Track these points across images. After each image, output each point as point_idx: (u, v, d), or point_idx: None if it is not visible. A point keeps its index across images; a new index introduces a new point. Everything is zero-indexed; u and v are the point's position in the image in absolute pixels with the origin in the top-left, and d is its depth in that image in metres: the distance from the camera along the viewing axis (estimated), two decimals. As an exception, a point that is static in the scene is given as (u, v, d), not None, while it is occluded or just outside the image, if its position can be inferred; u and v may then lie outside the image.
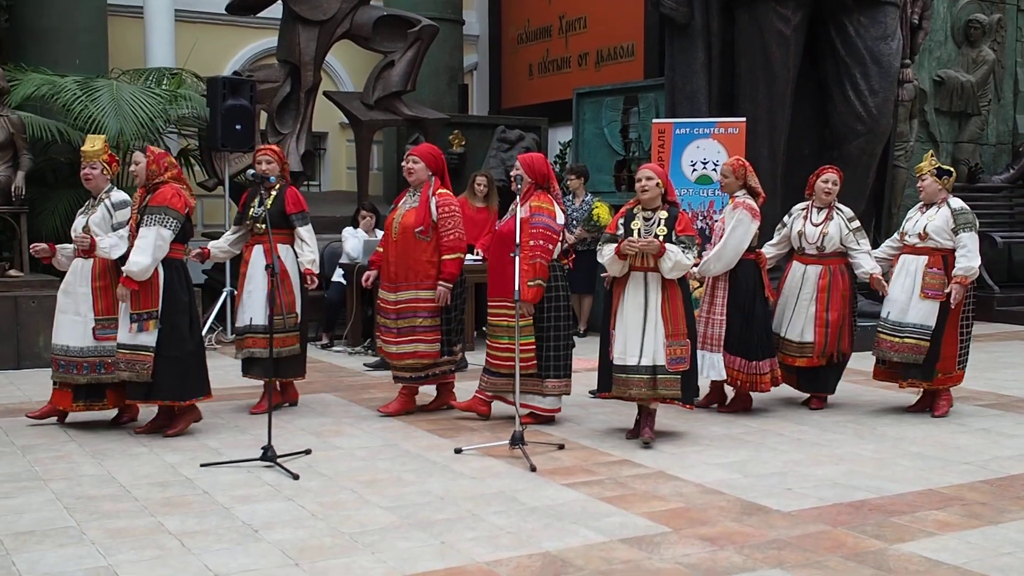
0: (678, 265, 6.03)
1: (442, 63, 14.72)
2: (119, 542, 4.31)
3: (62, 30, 11.70)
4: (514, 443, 5.76)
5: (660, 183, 6.16)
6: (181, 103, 11.15)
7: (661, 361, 6.06)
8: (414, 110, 11.81)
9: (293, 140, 11.02)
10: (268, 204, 6.78)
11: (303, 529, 4.51)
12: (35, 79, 10.51)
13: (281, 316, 6.68)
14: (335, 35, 11.25)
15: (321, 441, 6.17)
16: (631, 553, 4.26)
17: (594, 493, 5.12)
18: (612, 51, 14.61)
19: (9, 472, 5.42)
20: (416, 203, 6.77)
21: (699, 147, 10.11)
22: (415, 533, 4.47)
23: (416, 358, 6.76)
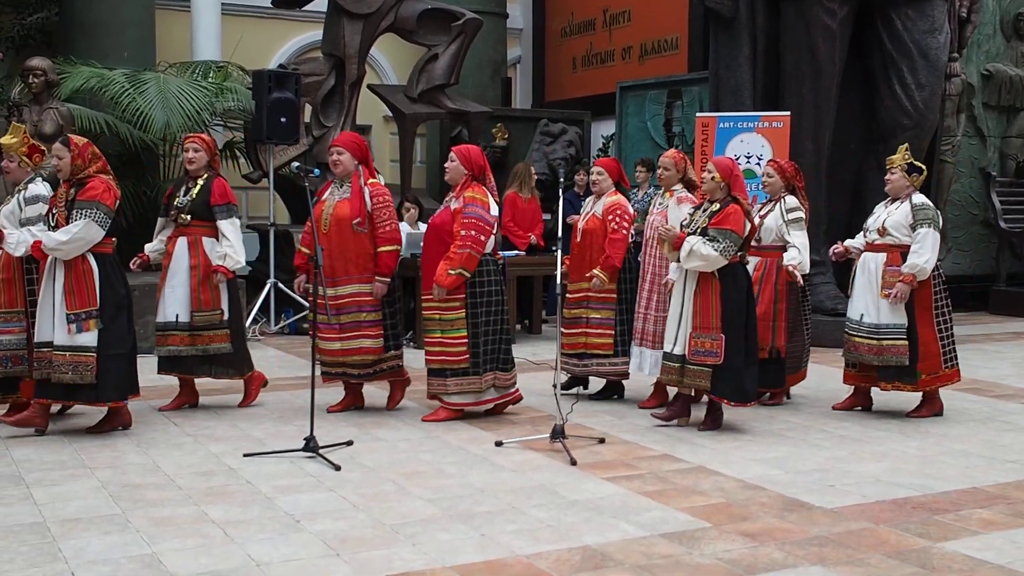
0: (693, 254, 6.09)
1: (486, 56, 14.73)
2: (163, 530, 4.37)
3: (111, 24, 11.85)
4: (555, 437, 5.76)
5: (718, 177, 6.22)
6: (227, 96, 11.25)
7: (687, 351, 6.20)
8: (457, 103, 11.84)
9: (337, 133, 11.06)
10: (193, 194, 6.59)
11: (344, 520, 4.54)
12: (84, 72, 10.65)
13: (204, 313, 6.52)
14: (379, 28, 11.30)
15: (363, 432, 6.21)
16: (671, 548, 4.25)
17: (634, 487, 5.11)
18: (656, 44, 14.55)
19: (56, 460, 5.51)
20: (348, 194, 6.54)
21: (743, 141, 10.06)
22: (456, 525, 4.49)
23: (362, 354, 6.55)
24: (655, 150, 12.12)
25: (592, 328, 6.98)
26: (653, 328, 6.87)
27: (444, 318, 6.33)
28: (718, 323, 6.14)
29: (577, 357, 7.07)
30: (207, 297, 6.53)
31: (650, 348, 6.89)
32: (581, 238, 7.04)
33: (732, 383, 6.22)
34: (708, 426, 6.39)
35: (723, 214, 6.15)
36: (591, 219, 7.00)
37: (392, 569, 3.96)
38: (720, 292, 6.16)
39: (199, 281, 6.52)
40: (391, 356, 6.70)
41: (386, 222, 6.51)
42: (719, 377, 6.17)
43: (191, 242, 6.54)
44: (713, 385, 6.19)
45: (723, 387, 6.20)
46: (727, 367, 6.16)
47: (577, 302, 7.04)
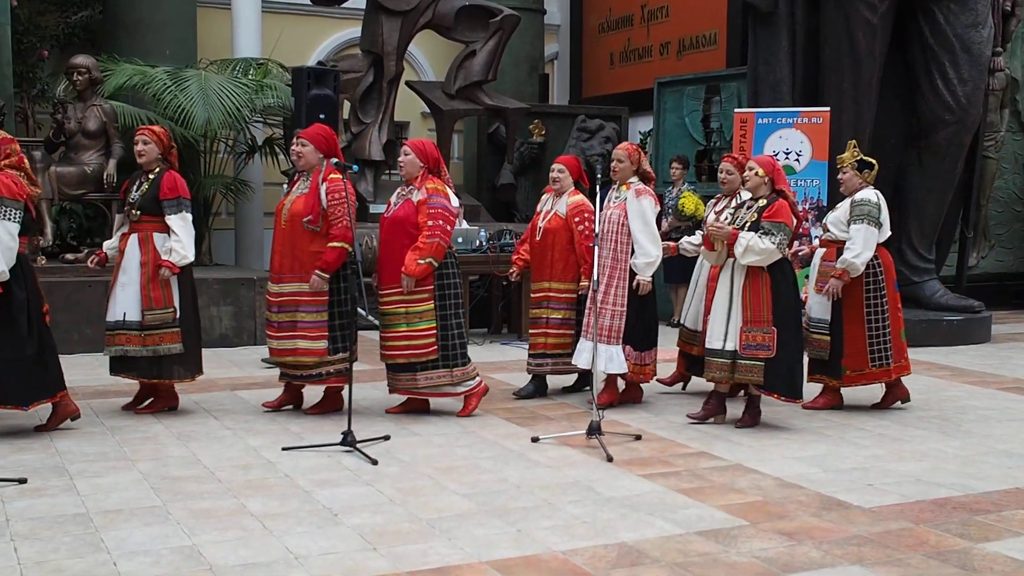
0: (750, 250, 6.07)
1: (523, 52, 14.73)
2: (203, 522, 4.41)
3: (153, 22, 11.98)
4: (591, 433, 5.76)
5: (761, 172, 6.24)
6: (267, 93, 11.34)
7: (738, 346, 6.17)
8: (495, 100, 11.85)
9: (375, 129, 11.13)
10: (144, 189, 6.36)
11: (381, 514, 4.57)
12: (127, 70, 10.77)
13: (155, 312, 6.28)
14: (417, 25, 11.33)
15: (400, 427, 6.24)
16: (708, 546, 4.24)
17: (671, 485, 5.10)
18: (694, 40, 14.48)
19: (99, 452, 5.58)
20: (307, 189, 6.31)
21: (782, 137, 10.01)
22: (492, 520, 4.51)
23: (296, 355, 6.32)
24: (693, 146, 12.08)
25: (552, 328, 6.93)
26: (609, 323, 6.70)
27: (412, 311, 6.25)
28: (769, 316, 6.12)
29: (540, 357, 7.01)
30: (157, 295, 6.27)
31: (604, 343, 6.69)
32: (541, 237, 6.95)
33: (784, 377, 6.19)
34: (746, 423, 6.36)
35: (773, 208, 6.15)
36: (553, 218, 6.91)
37: (428, 563, 3.98)
38: (771, 285, 6.15)
39: (149, 279, 6.28)
40: (338, 359, 6.36)
41: (339, 219, 6.22)
42: (771, 371, 6.14)
43: (141, 238, 6.31)
44: (765, 379, 6.16)
45: (776, 382, 6.17)
46: (779, 361, 6.13)
47: (537, 302, 7.00)
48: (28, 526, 4.32)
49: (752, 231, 6.12)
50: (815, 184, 10.07)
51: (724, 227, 6.25)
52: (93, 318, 8.74)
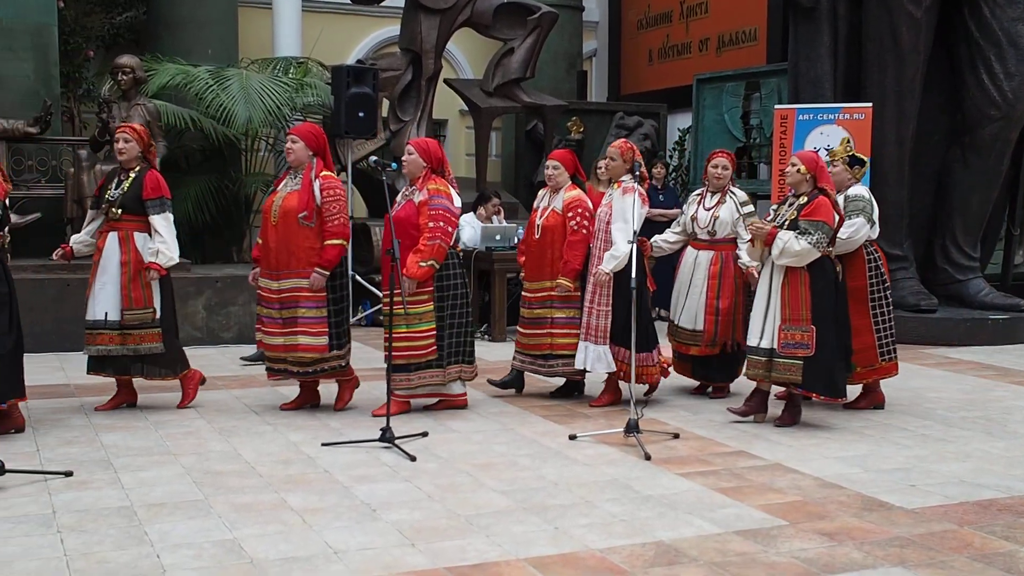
0: (785, 252, 6.04)
1: (561, 50, 14.72)
2: (244, 516, 4.46)
3: (195, 21, 12.13)
4: (629, 431, 5.76)
5: (804, 169, 6.18)
6: (307, 91, 11.42)
7: (776, 345, 6.14)
8: (533, 97, 11.85)
9: (414, 127, 11.16)
10: (125, 187, 6.30)
11: (419, 510, 4.59)
12: (170, 69, 10.90)
13: (135, 311, 6.25)
14: (456, 23, 11.35)
15: (438, 424, 6.26)
16: (746, 545, 4.22)
17: (709, 484, 5.08)
18: (734, 36, 14.40)
19: (143, 446, 5.65)
20: (298, 186, 6.29)
21: (823, 133, 9.93)
22: (529, 518, 4.52)
23: (299, 351, 6.31)
24: (732, 143, 12.02)
25: (557, 328, 6.78)
26: (596, 322, 6.66)
27: (411, 311, 6.19)
28: (808, 315, 6.07)
29: (543, 358, 6.86)
30: (138, 295, 6.25)
31: (593, 343, 6.67)
32: (540, 235, 6.82)
33: (824, 377, 6.11)
34: (785, 422, 6.32)
35: (813, 206, 6.09)
36: (551, 215, 6.77)
37: (466, 560, 3.99)
38: (809, 283, 6.10)
39: (130, 278, 6.23)
40: (334, 356, 6.38)
41: (335, 216, 6.23)
42: (810, 370, 6.08)
43: (122, 237, 6.26)
44: (804, 379, 6.10)
45: (814, 381, 6.11)
46: (818, 360, 6.07)
47: (540, 302, 6.82)
48: (74, 518, 4.39)
49: (792, 229, 6.09)
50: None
51: (764, 225, 6.20)
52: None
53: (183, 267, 9.19)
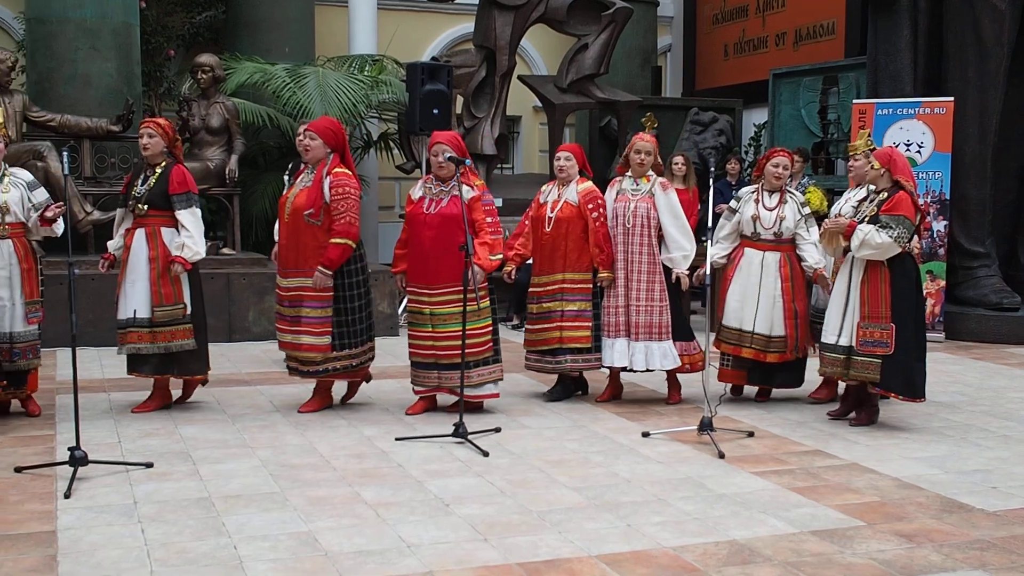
0: (866, 244, 5.94)
1: (635, 45, 14.65)
2: (319, 509, 4.52)
3: (273, 20, 12.32)
4: (703, 429, 5.72)
5: (877, 165, 6.11)
6: (382, 88, 11.51)
7: (854, 342, 6.05)
8: (607, 93, 11.82)
9: (487, 124, 11.20)
10: (151, 183, 6.22)
11: (492, 505, 4.61)
12: (248, 67, 11.06)
13: (166, 308, 6.18)
14: (530, 19, 11.36)
15: (511, 420, 6.28)
16: (822, 546, 4.18)
17: (784, 483, 5.03)
18: (811, 30, 14.21)
19: (221, 439, 5.76)
20: (310, 183, 6.22)
21: (903, 128, 9.76)
22: (602, 515, 4.51)
23: (303, 351, 6.24)
24: (809, 138, 11.87)
25: (567, 321, 6.63)
26: (656, 319, 6.59)
27: (470, 308, 6.02)
28: (888, 312, 5.98)
29: (550, 353, 6.70)
30: (168, 291, 6.17)
31: (657, 340, 6.59)
32: (552, 227, 6.63)
33: (902, 376, 6.01)
34: (862, 421, 6.24)
35: (893, 201, 6.01)
36: (565, 207, 6.62)
37: (538, 556, 4.00)
38: (890, 280, 6.01)
39: (159, 274, 6.16)
40: (345, 356, 6.30)
41: (342, 214, 6.12)
42: (888, 369, 5.98)
43: (149, 233, 6.18)
44: (882, 378, 6.01)
45: (892, 380, 6.01)
46: (897, 359, 5.97)
47: (551, 295, 6.66)
48: (154, 509, 4.49)
49: (872, 223, 6.00)
50: (938, 177, 9.80)
51: (841, 221, 6.13)
52: (217, 309, 9.00)
53: (261, 263, 9.35)
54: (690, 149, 12.77)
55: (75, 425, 5.04)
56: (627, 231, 6.60)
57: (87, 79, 9.74)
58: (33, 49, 9.94)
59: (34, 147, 8.95)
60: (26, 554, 3.96)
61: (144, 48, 11.15)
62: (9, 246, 5.93)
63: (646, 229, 6.59)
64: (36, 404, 6.27)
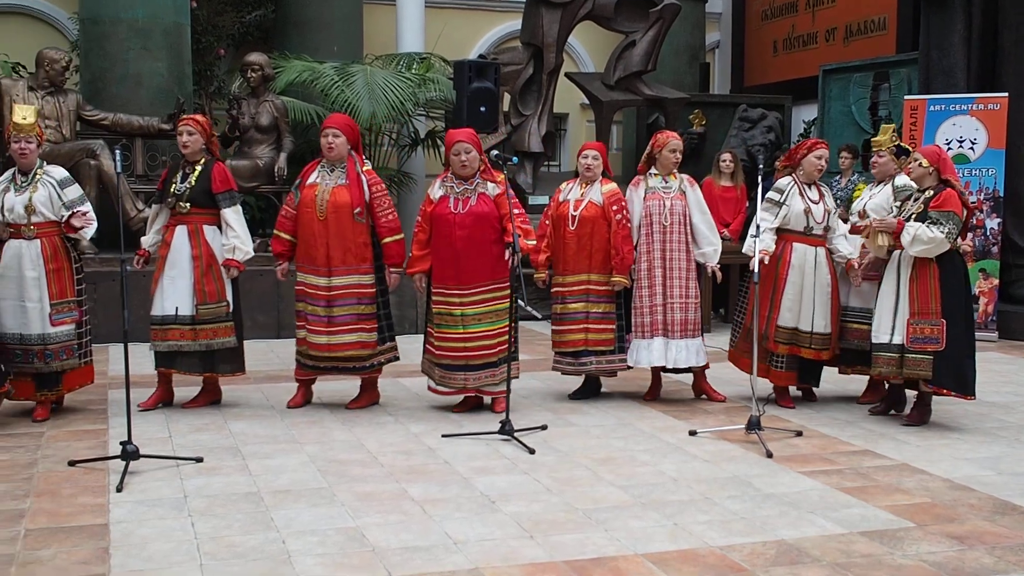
0: (917, 240, 5.90)
1: (683, 42, 14.57)
2: (366, 505, 4.55)
3: (322, 20, 12.41)
4: (750, 428, 5.69)
5: (925, 163, 6.05)
6: (429, 86, 11.55)
7: (904, 340, 6.00)
8: (654, 90, 11.76)
9: (535, 121, 11.19)
10: (192, 181, 6.20)
11: (538, 503, 4.62)
12: (297, 66, 11.15)
13: (209, 306, 6.19)
14: (577, 16, 11.34)
15: (557, 418, 6.28)
16: (871, 547, 4.14)
17: (833, 483, 4.99)
18: (862, 25, 14.05)
19: (269, 434, 5.81)
20: (344, 181, 6.22)
21: (955, 124, 9.64)
22: (648, 513, 4.50)
23: (357, 348, 6.26)
24: (859, 135, 11.73)
25: (593, 323, 6.59)
26: (691, 316, 6.58)
27: (496, 308, 6.09)
28: (938, 308, 5.93)
29: (572, 355, 6.66)
30: (212, 289, 6.18)
31: (691, 337, 6.58)
32: (577, 226, 6.55)
33: (954, 372, 5.96)
34: (914, 420, 6.18)
35: (941, 198, 5.96)
36: (589, 206, 6.55)
37: (584, 554, 4.00)
38: (940, 277, 5.97)
39: (203, 272, 6.16)
40: (387, 348, 6.43)
41: (387, 211, 6.27)
42: (940, 366, 5.93)
43: (191, 231, 6.18)
44: (934, 374, 5.95)
45: (945, 377, 5.95)
46: (949, 355, 5.92)
47: (576, 296, 6.60)
48: (204, 503, 4.54)
49: (919, 222, 5.93)
50: (991, 174, 9.66)
51: (889, 219, 6.08)
52: (266, 306, 9.09)
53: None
54: (738, 146, 12.67)
55: (127, 420, 5.12)
56: (664, 229, 6.56)
57: (139, 78, 9.88)
58: (86, 49, 10.09)
59: (87, 146, 9.09)
60: (79, 546, 4.02)
61: (195, 47, 11.28)
62: (37, 247, 5.90)
63: (682, 227, 6.58)
64: (44, 410, 6.08)
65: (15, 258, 5.89)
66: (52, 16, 13.44)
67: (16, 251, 5.89)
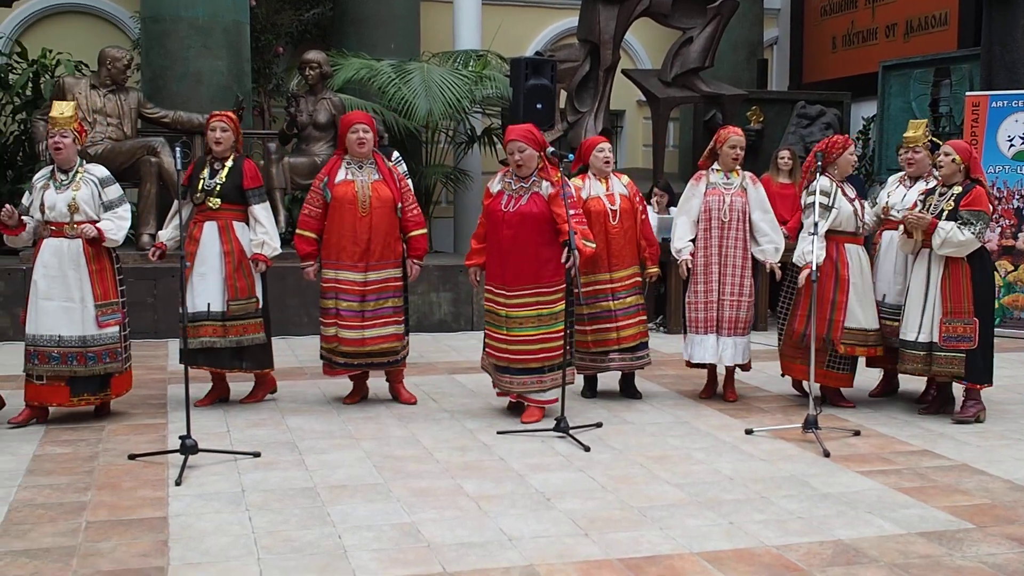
0: (948, 242, 5.91)
1: (741, 38, 14.47)
2: (422, 500, 4.58)
3: (379, 17, 12.49)
4: (807, 427, 5.64)
5: (957, 159, 6.03)
6: (486, 84, 11.58)
7: (936, 338, 6.02)
8: (712, 86, 11.69)
9: (591, 118, 11.17)
10: (223, 177, 6.15)
11: (593, 500, 4.62)
12: (355, 64, 11.24)
13: (240, 301, 6.14)
14: (634, 13, 11.30)
15: (612, 415, 6.27)
16: (930, 548, 4.08)
17: (891, 483, 4.93)
18: (923, 21, 13.85)
19: (326, 429, 5.87)
20: (379, 176, 6.28)
21: (1018, 121, 9.48)
22: (704, 512, 4.48)
23: (390, 341, 6.30)
24: (920, 132, 11.56)
25: (623, 319, 6.50)
26: (743, 315, 6.52)
27: (545, 312, 5.93)
28: (971, 307, 5.97)
29: (632, 351, 6.58)
30: (243, 285, 6.15)
31: (740, 335, 6.54)
32: (620, 220, 6.48)
33: (984, 367, 6.05)
34: (931, 410, 6.33)
35: (972, 196, 5.96)
36: (622, 200, 6.52)
37: (639, 552, 4.00)
38: (971, 275, 5.99)
39: (234, 268, 6.12)
40: (407, 342, 6.53)
41: (414, 205, 6.41)
42: (972, 362, 5.98)
43: (221, 227, 6.13)
44: (967, 371, 5.99)
45: (976, 372, 6.01)
46: (980, 352, 5.99)
47: (628, 290, 6.52)
48: (261, 497, 4.60)
49: (950, 220, 5.93)
50: (1056, 171, 9.48)
51: (924, 216, 6.01)
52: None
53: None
54: (796, 143, 12.57)
55: (186, 414, 5.19)
56: (723, 225, 6.51)
57: (199, 76, 10.01)
58: (147, 47, 10.25)
59: (148, 143, 9.23)
60: (139, 539, 4.09)
61: (254, 45, 11.40)
62: (78, 246, 5.76)
63: (741, 224, 6.53)
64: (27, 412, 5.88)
65: (56, 257, 5.74)
66: (114, 15, 13.67)
67: (57, 250, 5.74)
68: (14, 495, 4.61)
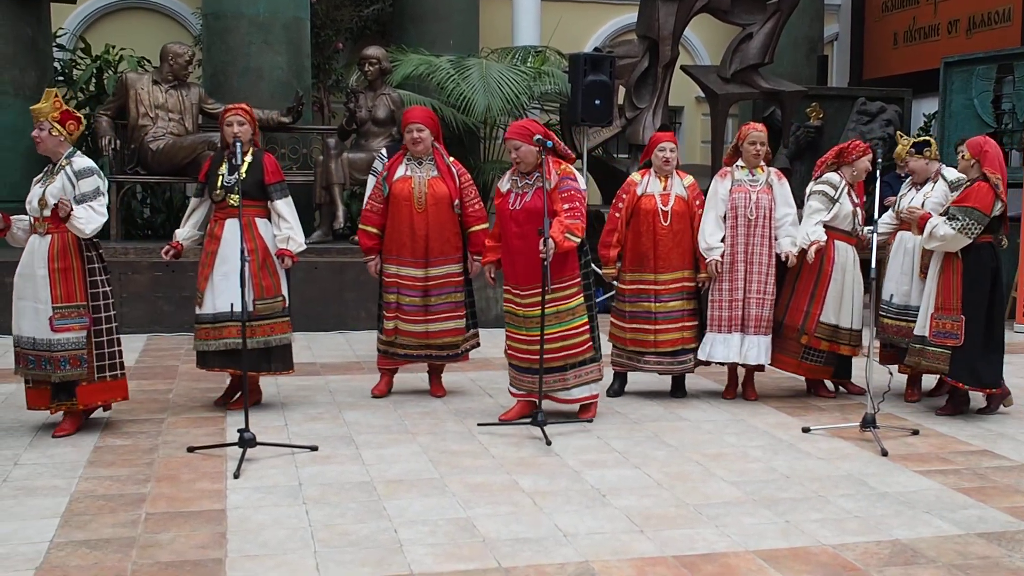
0: (932, 236, 5.97)
1: (801, 34, 14.34)
2: (477, 496, 4.60)
3: (439, 13, 12.56)
4: (865, 425, 5.59)
5: (968, 155, 6.07)
6: (544, 79, 11.60)
7: (927, 332, 6.09)
8: (771, 83, 11.59)
9: (649, 114, 11.13)
10: (243, 172, 5.85)
11: (648, 497, 4.62)
12: (414, 59, 11.31)
13: (267, 300, 5.96)
14: (694, 9, 11.24)
15: (668, 412, 6.26)
16: (989, 549, 4.03)
17: (950, 483, 4.87)
18: (986, 17, 13.62)
19: (383, 424, 5.92)
20: (436, 173, 6.34)
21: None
22: (760, 510, 4.46)
23: (453, 335, 6.42)
24: (981, 129, 11.37)
25: (663, 323, 6.45)
26: (768, 313, 6.48)
27: (562, 308, 5.83)
28: (959, 304, 5.97)
29: (672, 355, 6.52)
30: (268, 283, 5.96)
31: (764, 334, 6.47)
32: (671, 222, 6.40)
33: (969, 367, 6.00)
34: (947, 411, 6.28)
35: (967, 192, 5.99)
36: (677, 201, 6.43)
37: (695, 549, 3.99)
38: (963, 272, 5.98)
39: (259, 266, 5.92)
40: (471, 335, 6.60)
41: (475, 201, 6.43)
42: (957, 360, 5.99)
43: (244, 224, 5.60)
44: (951, 368, 6.01)
45: (960, 370, 6.00)
46: (966, 350, 5.97)
47: (672, 294, 6.46)
48: (318, 491, 4.65)
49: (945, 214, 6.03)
50: (1124, 168, 9.28)
51: (916, 210, 6.23)
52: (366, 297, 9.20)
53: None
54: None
55: (244, 408, 5.26)
56: (749, 223, 6.45)
57: (259, 72, 10.13)
58: (209, 43, 10.40)
59: (208, 139, 9.35)
60: (197, 531, 4.16)
61: (314, 41, 11.51)
62: (46, 244, 5.41)
63: (767, 221, 6.48)
64: (69, 425, 5.58)
65: (30, 255, 5.46)
66: (176, 11, 13.89)
67: (30, 247, 5.46)
68: (75, 486, 4.70)
